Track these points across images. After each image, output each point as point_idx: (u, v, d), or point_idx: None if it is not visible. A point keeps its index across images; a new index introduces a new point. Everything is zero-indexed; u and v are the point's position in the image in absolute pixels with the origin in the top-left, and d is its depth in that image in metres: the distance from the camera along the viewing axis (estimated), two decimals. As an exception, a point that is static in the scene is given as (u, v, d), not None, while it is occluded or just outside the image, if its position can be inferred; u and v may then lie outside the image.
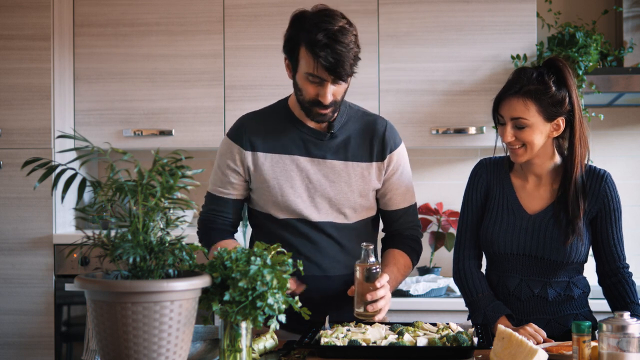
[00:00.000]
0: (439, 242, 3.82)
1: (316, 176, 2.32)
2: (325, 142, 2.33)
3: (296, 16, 2.25)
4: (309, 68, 2.18)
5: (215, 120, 3.70)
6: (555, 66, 2.23)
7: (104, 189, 1.58)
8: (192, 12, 3.72)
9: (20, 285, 3.59)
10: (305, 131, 2.34)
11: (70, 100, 3.74)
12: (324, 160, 2.33)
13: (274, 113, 2.39)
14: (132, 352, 1.51)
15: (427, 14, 3.64)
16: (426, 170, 3.98)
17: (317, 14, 2.21)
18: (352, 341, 1.97)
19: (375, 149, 2.37)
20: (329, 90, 2.20)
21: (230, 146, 2.37)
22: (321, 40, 2.14)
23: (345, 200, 2.34)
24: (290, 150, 2.33)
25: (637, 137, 3.94)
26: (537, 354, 1.81)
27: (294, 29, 2.22)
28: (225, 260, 1.68)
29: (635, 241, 3.89)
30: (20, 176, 3.57)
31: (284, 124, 2.35)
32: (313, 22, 2.17)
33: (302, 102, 2.27)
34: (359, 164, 2.35)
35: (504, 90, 2.24)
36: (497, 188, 2.36)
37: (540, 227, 2.26)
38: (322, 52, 2.14)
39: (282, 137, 2.33)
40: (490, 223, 2.32)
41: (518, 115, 2.20)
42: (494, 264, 2.35)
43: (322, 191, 2.33)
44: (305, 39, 2.17)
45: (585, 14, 3.90)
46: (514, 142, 2.23)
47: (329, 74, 2.17)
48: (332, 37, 2.14)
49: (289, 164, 2.32)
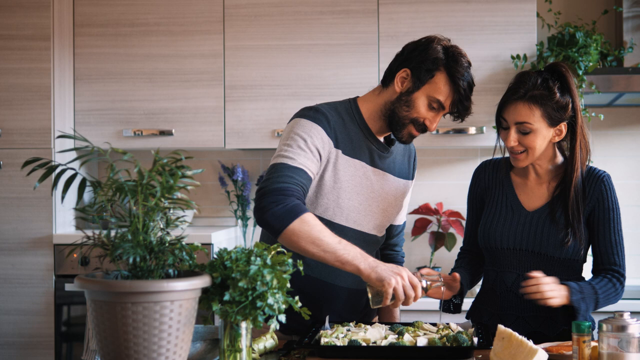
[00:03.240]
0: (439, 242, 3.82)
1: (377, 186, 2.33)
2: (385, 156, 2.35)
3: (440, 42, 2.26)
4: (439, 94, 2.22)
5: (215, 120, 3.70)
6: (558, 72, 2.24)
7: (104, 189, 1.58)
8: (192, 12, 3.72)
9: (20, 285, 3.59)
10: (372, 141, 2.32)
11: (70, 100, 3.74)
12: (384, 173, 2.35)
13: (347, 114, 2.32)
14: (132, 352, 1.51)
15: (427, 14, 3.64)
16: (426, 170, 3.98)
17: (457, 49, 2.26)
18: (352, 341, 1.97)
19: (410, 167, 2.46)
20: (439, 119, 2.27)
21: (321, 134, 2.22)
22: (464, 75, 2.22)
23: (390, 215, 2.39)
24: (361, 156, 2.30)
25: (637, 137, 3.94)
26: (537, 354, 1.81)
27: (441, 54, 2.23)
28: (225, 260, 1.68)
29: (636, 241, 3.89)
30: (20, 176, 3.57)
31: (354, 128, 2.30)
32: (463, 63, 2.23)
33: (402, 117, 2.25)
34: (401, 180, 2.41)
35: (509, 94, 2.25)
36: (497, 188, 2.38)
37: (537, 223, 2.28)
38: (462, 83, 2.21)
39: (356, 142, 2.30)
40: (489, 219, 2.35)
41: (523, 120, 2.21)
42: (492, 260, 2.36)
43: (379, 202, 2.34)
44: (450, 68, 2.21)
45: (585, 14, 3.90)
46: (516, 147, 2.24)
47: (458, 106, 2.24)
48: (470, 75, 2.25)
49: (359, 169, 2.30)
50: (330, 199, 2.26)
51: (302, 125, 2.21)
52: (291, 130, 2.21)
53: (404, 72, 2.25)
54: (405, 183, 2.42)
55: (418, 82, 2.23)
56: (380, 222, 2.37)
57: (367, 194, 2.31)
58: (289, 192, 2.09)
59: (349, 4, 3.62)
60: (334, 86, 3.64)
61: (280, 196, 2.07)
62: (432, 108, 2.24)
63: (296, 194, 2.09)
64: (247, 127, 3.68)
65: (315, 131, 2.20)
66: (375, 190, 2.33)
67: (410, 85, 2.24)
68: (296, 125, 2.22)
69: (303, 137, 2.18)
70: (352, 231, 2.30)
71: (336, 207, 2.27)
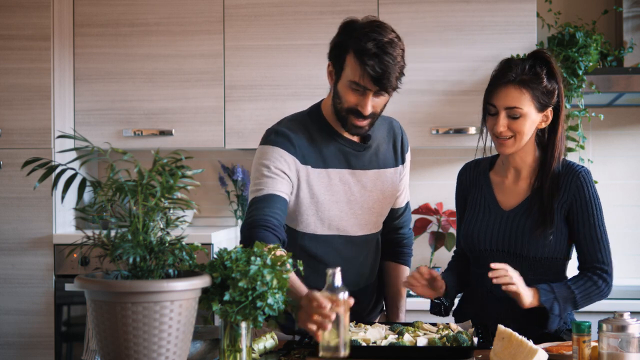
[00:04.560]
0: (439, 242, 3.82)
1: (357, 187, 2.30)
2: (362, 153, 2.31)
3: (347, 24, 2.21)
4: (354, 76, 2.15)
5: (215, 120, 3.70)
6: (543, 58, 2.24)
7: (104, 189, 1.58)
8: (192, 12, 3.72)
9: (20, 285, 3.59)
10: (343, 143, 2.29)
11: (70, 100, 3.74)
12: (364, 171, 2.31)
13: (311, 123, 2.30)
14: (132, 352, 1.51)
15: (427, 14, 3.64)
16: (426, 170, 3.98)
17: (368, 23, 2.18)
18: (352, 341, 1.97)
19: (398, 152, 2.40)
20: (369, 100, 2.17)
21: (284, 156, 2.22)
22: (371, 49, 2.11)
23: (379, 208, 2.36)
24: (333, 164, 2.28)
25: (637, 137, 3.93)
26: (537, 354, 1.81)
27: (344, 36, 2.19)
28: (225, 260, 1.68)
29: (636, 241, 3.88)
30: (20, 176, 3.57)
31: (322, 136, 2.29)
32: (364, 31, 2.14)
33: (339, 110, 2.22)
34: (388, 170, 2.37)
35: (497, 79, 2.24)
36: (476, 188, 2.38)
37: (514, 222, 2.25)
38: (370, 61, 2.11)
39: (325, 150, 2.28)
40: (468, 221, 2.35)
41: (514, 104, 2.20)
42: (474, 261, 2.35)
43: (362, 203, 2.31)
44: (354, 46, 2.14)
45: (585, 14, 3.90)
46: (505, 132, 2.22)
47: (374, 83, 2.13)
48: (381, 47, 2.11)
49: (333, 177, 2.28)
50: (310, 214, 2.27)
51: (264, 153, 2.23)
52: (256, 162, 2.24)
53: (329, 67, 2.25)
54: (393, 171, 2.38)
55: (337, 72, 2.21)
56: (368, 220, 2.35)
57: (346, 199, 2.29)
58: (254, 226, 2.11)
59: (349, 4, 3.62)
60: (334, 86, 3.63)
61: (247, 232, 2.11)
62: (356, 92, 2.17)
63: (263, 223, 2.11)
64: (247, 127, 3.68)
65: (277, 154, 2.21)
66: (356, 192, 2.30)
67: (334, 77, 2.23)
68: (259, 155, 2.25)
69: (266, 164, 2.20)
70: (338, 237, 2.30)
71: (317, 220, 2.27)
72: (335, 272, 1.75)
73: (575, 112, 3.58)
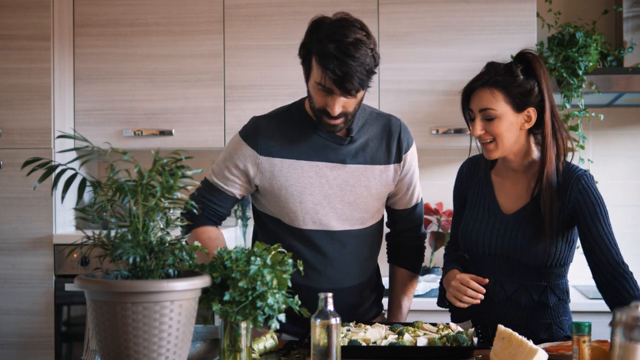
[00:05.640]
0: (438, 242, 3.82)
1: (336, 181, 2.28)
2: (345, 147, 2.29)
3: (314, 23, 2.19)
4: (318, 78, 2.14)
5: (215, 120, 3.70)
6: (524, 58, 2.22)
7: (104, 189, 1.58)
8: (192, 12, 3.72)
9: (20, 285, 3.59)
10: (323, 136, 2.28)
11: (70, 100, 3.74)
12: (344, 165, 2.29)
13: (290, 117, 2.31)
14: (132, 352, 1.51)
15: (427, 14, 3.64)
16: (426, 170, 3.98)
17: (333, 23, 2.15)
18: (352, 341, 1.97)
19: (393, 150, 2.35)
20: (337, 102, 2.15)
21: (243, 148, 2.29)
22: (331, 53, 2.08)
23: (364, 204, 2.32)
24: (308, 156, 2.27)
25: (637, 137, 3.94)
26: (537, 354, 1.81)
27: (308, 37, 2.18)
28: (225, 260, 1.68)
29: (636, 241, 3.88)
30: (20, 176, 3.57)
31: (300, 128, 2.29)
32: (326, 33, 2.12)
33: (312, 109, 2.23)
34: (377, 166, 2.33)
35: (472, 82, 2.22)
36: (477, 186, 2.35)
37: (513, 228, 2.22)
38: (330, 64, 2.08)
39: (300, 142, 2.28)
40: (467, 221, 2.32)
41: (486, 105, 2.18)
42: (473, 263, 2.33)
43: (342, 197, 2.29)
44: (316, 49, 2.13)
45: (585, 14, 3.90)
46: (484, 136, 2.20)
47: (336, 87, 2.11)
48: (343, 49, 2.08)
49: (307, 169, 2.27)
50: (283, 205, 2.27)
51: (231, 144, 2.34)
52: (225, 146, 2.39)
53: (303, 67, 2.25)
54: (384, 169, 2.34)
55: (307, 73, 2.22)
56: (350, 216, 2.31)
57: (322, 192, 2.27)
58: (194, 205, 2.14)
59: (349, 4, 3.62)
60: (334, 86, 3.64)
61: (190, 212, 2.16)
62: (322, 93, 2.16)
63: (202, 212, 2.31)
64: (247, 127, 3.68)
65: (237, 146, 2.31)
66: (335, 186, 2.28)
67: (305, 77, 2.24)
68: (229, 142, 2.36)
69: (227, 157, 2.33)
70: (317, 232, 2.29)
71: (289, 212, 2.27)
72: (327, 297, 1.75)
73: (575, 112, 3.58)
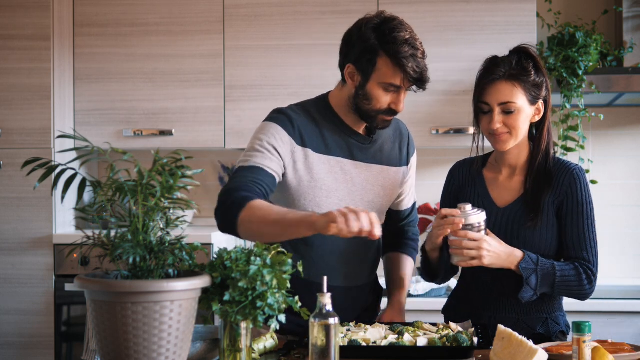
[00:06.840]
0: (439, 242, 3.82)
1: (359, 180, 2.30)
2: (367, 146, 2.32)
3: (369, 25, 2.19)
4: (391, 78, 2.16)
5: (215, 120, 3.70)
6: (527, 53, 2.24)
7: (104, 189, 1.58)
8: (192, 12, 3.72)
9: (20, 285, 3.59)
10: (349, 134, 2.30)
11: (70, 100, 3.74)
12: (367, 165, 2.31)
13: (317, 112, 2.31)
14: (132, 352, 1.51)
15: (427, 14, 3.64)
16: (426, 170, 3.98)
17: (391, 23, 2.19)
18: (352, 341, 1.97)
19: (404, 153, 2.41)
20: (403, 98, 2.21)
21: (280, 134, 2.22)
22: (407, 52, 2.13)
23: (380, 205, 2.35)
24: (336, 152, 2.28)
25: (637, 137, 3.94)
26: (537, 354, 1.81)
27: (373, 39, 2.17)
28: (225, 260, 1.68)
29: (636, 241, 3.88)
30: (20, 176, 3.57)
31: (327, 125, 2.29)
32: (393, 33, 2.16)
33: (368, 110, 2.22)
34: (392, 168, 2.36)
35: (486, 76, 2.23)
36: (470, 186, 2.36)
37: (508, 220, 2.24)
38: (409, 63, 2.13)
39: (328, 138, 2.28)
40: None
41: (507, 99, 2.19)
42: None
43: (363, 195, 2.31)
44: (388, 49, 2.14)
45: (585, 14, 3.90)
46: (500, 129, 2.22)
47: (415, 84, 2.17)
48: (412, 46, 2.15)
49: (334, 165, 2.27)
50: (308, 199, 2.25)
51: (261, 128, 2.25)
52: (252, 136, 2.26)
53: (349, 68, 2.24)
54: (397, 171, 2.38)
55: (365, 75, 2.20)
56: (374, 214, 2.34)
57: (347, 190, 2.28)
58: (234, 190, 2.10)
59: (349, 4, 3.62)
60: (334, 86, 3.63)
61: (225, 196, 2.10)
62: (390, 92, 2.19)
63: (245, 188, 2.09)
64: (247, 127, 3.68)
65: (274, 131, 2.22)
66: (357, 184, 2.30)
67: (360, 79, 2.22)
68: (257, 129, 2.26)
69: (260, 138, 2.21)
70: None
71: (315, 207, 2.25)
72: (327, 297, 1.75)
73: (575, 112, 3.58)
